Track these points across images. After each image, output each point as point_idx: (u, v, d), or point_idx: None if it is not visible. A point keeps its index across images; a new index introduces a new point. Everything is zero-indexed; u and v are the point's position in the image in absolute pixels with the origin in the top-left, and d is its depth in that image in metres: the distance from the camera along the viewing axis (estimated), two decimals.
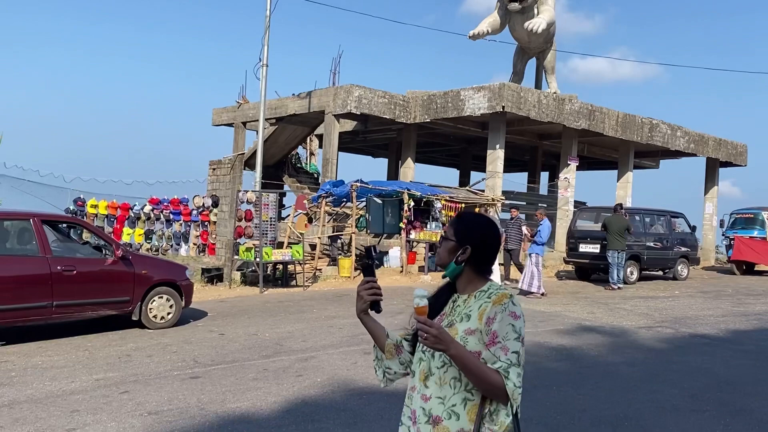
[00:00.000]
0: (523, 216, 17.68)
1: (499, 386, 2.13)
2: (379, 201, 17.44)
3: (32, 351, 8.17)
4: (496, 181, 20.03)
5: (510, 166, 25.98)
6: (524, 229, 15.41)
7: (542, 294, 13.85)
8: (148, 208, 21.54)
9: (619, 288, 15.30)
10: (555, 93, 21.70)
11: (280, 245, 16.34)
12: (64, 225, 10.26)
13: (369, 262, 2.52)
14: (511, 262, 15.82)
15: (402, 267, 17.15)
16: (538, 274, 13.92)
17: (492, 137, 20.21)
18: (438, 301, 2.44)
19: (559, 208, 22.17)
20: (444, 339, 2.10)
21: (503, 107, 18.75)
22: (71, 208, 20.77)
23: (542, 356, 8.03)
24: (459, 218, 2.45)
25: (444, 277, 2.43)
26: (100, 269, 9.27)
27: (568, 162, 22.08)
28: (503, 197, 20.33)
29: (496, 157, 20.01)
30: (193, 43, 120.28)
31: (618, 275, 15.43)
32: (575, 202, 22.60)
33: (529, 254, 14.12)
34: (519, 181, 29.49)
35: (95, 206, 20.89)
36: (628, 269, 16.70)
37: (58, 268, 8.70)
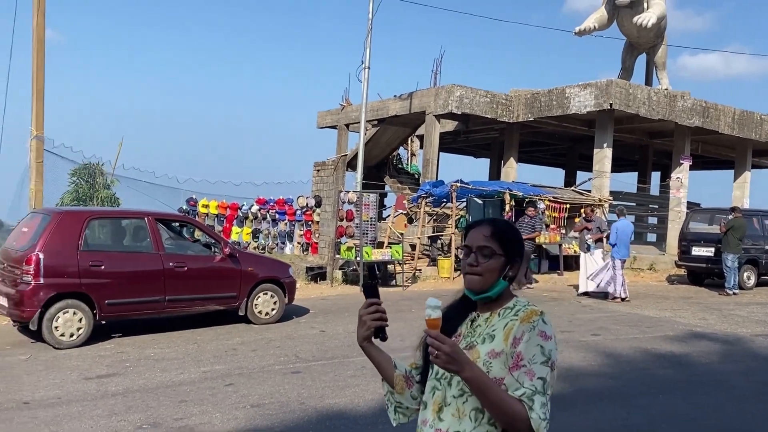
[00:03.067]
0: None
1: (521, 417, 1.82)
2: (479, 201, 17.28)
3: (145, 343, 8.62)
4: (603, 180, 19.43)
5: (618, 166, 25.14)
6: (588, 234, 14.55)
7: (622, 299, 13.28)
8: (255, 208, 22.26)
9: (734, 294, 14.50)
10: (666, 89, 20.83)
11: (380, 245, 16.49)
12: (177, 223, 10.76)
13: (372, 282, 2.21)
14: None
15: None
16: (616, 276, 13.36)
17: (599, 136, 19.63)
18: (452, 319, 2.11)
19: (671, 209, 21.26)
20: (458, 359, 1.80)
21: (611, 104, 18.18)
22: (184, 207, 21.76)
23: (649, 363, 7.72)
24: (498, 227, 2.09)
25: (485, 298, 2.05)
26: (209, 266, 9.66)
27: (681, 161, 21.12)
28: (611, 198, 19.70)
29: (603, 156, 19.42)
30: (300, 48, 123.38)
31: (733, 280, 14.62)
32: (688, 203, 21.60)
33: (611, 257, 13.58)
34: (628, 181, 28.45)
35: (206, 206, 21.79)
36: (745, 274, 15.79)
37: (171, 264, 9.14)
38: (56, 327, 8.15)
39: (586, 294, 14.00)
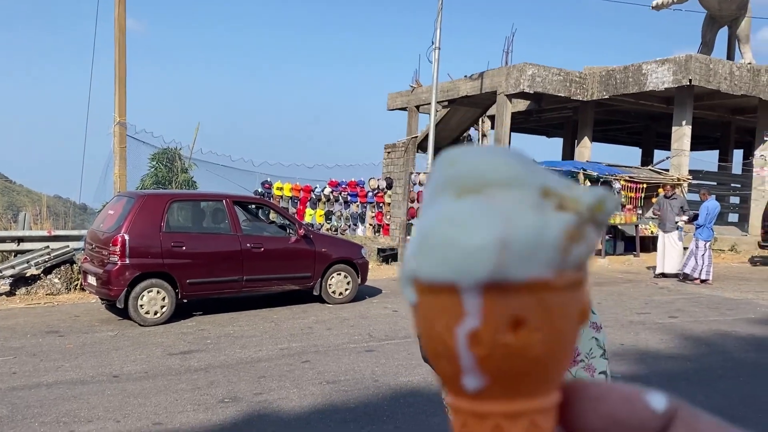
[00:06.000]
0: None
1: None
2: None
3: (225, 321, 8.93)
4: (681, 159, 18.86)
5: (698, 144, 24.29)
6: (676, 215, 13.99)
7: (702, 281, 12.89)
8: (328, 190, 22.59)
9: None
10: (749, 64, 19.94)
11: None
12: (253, 206, 11.06)
13: None
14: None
15: None
16: (700, 259, 12.97)
17: (678, 113, 19.03)
18: None
19: (754, 188, 20.45)
20: None
21: (690, 80, 17.57)
22: (259, 190, 22.29)
23: (729, 346, 7.53)
24: None
25: None
26: (285, 247, 9.91)
27: (765, 138, 20.25)
28: (690, 177, 19.09)
29: (682, 134, 18.83)
30: (370, 31, 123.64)
31: None
32: None
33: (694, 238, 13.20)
34: (709, 159, 27.48)
35: (280, 188, 22.26)
36: None
37: (248, 245, 9.42)
38: (141, 305, 8.54)
39: (663, 275, 13.69)
